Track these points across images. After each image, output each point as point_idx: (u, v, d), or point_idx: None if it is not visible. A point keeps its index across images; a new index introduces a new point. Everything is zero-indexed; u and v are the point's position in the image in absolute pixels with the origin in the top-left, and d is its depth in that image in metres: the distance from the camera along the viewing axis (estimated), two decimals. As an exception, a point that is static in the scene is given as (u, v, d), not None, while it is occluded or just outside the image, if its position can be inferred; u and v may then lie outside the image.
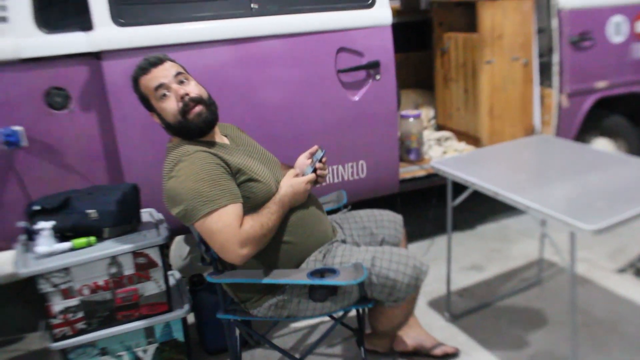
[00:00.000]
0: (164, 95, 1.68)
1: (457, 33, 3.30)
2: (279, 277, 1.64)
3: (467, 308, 2.44)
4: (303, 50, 2.43)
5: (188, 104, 1.67)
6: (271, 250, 1.69)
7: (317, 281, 1.59)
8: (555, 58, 3.04)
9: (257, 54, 2.36)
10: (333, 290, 1.66)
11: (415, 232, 3.12)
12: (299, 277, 1.64)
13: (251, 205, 1.66)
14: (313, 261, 1.74)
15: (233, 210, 1.57)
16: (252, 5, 2.34)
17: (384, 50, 2.55)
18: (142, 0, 2.24)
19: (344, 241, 1.91)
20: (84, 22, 2.13)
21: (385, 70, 2.57)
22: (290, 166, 1.97)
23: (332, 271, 1.62)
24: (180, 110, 1.67)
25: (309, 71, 2.45)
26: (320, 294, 1.64)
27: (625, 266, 2.67)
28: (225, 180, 1.60)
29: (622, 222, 1.63)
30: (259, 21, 2.35)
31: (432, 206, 3.07)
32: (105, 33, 2.14)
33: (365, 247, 1.80)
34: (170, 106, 1.68)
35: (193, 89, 1.71)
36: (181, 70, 1.73)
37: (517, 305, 2.45)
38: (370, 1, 2.51)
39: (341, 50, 2.49)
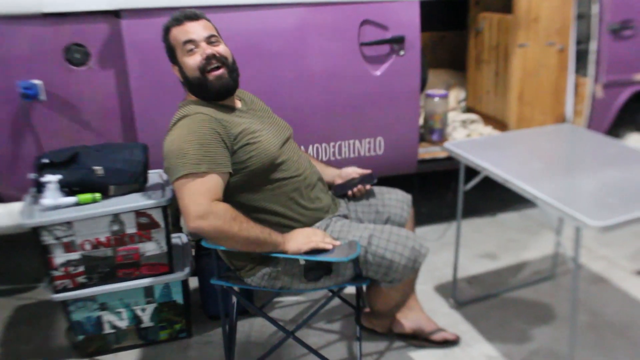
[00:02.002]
0: (191, 50, 1.71)
1: (492, 13, 3.20)
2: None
3: (474, 296, 2.41)
4: (326, 20, 2.41)
5: (210, 62, 1.70)
6: (265, 222, 1.68)
7: (308, 257, 1.59)
8: (593, 46, 2.92)
9: (279, 22, 2.36)
10: (327, 270, 1.65)
11: (433, 214, 3.08)
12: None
13: (250, 168, 1.67)
14: None
15: (209, 180, 1.56)
16: (276, -28, 2.31)
17: (410, 25, 2.51)
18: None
19: (345, 216, 1.90)
20: (108, -21, 2.14)
21: (410, 47, 2.53)
22: (333, 166, 2.06)
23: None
24: (201, 67, 1.70)
25: (331, 42, 2.43)
26: (314, 274, 1.65)
27: (646, 268, 2.59)
28: (214, 147, 1.60)
29: (631, 221, 1.56)
30: (283, -12, 2.33)
31: (451, 189, 3.02)
32: None
33: (365, 225, 1.78)
34: (193, 61, 1.70)
35: (221, 49, 1.74)
36: (214, 33, 1.76)
37: (525, 298, 2.40)
38: (399, -26, 2.45)
39: (365, 22, 2.46)
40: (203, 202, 1.53)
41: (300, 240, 1.64)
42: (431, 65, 3.55)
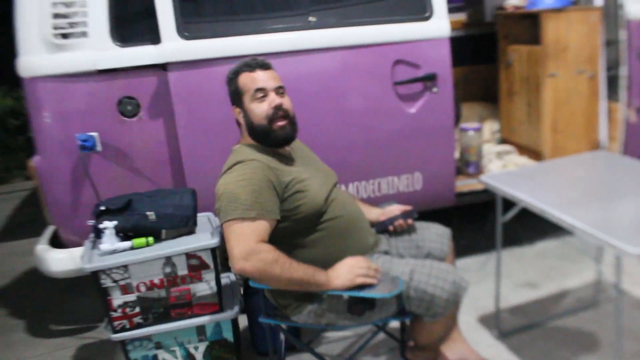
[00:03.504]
0: (261, 97, 1.77)
1: (521, 46, 3.21)
2: None
3: (517, 326, 2.37)
4: (360, 63, 2.45)
5: (278, 113, 1.76)
6: (308, 260, 1.70)
7: (352, 293, 1.61)
8: (623, 71, 2.89)
9: (315, 66, 2.40)
10: (371, 305, 1.66)
11: (473, 246, 3.05)
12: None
13: (299, 216, 1.71)
14: None
15: (257, 225, 1.60)
16: (309, 19, 2.39)
17: (442, 62, 2.53)
18: (205, 16, 2.34)
19: (386, 252, 1.91)
20: (154, 36, 2.24)
21: (443, 83, 2.54)
22: (372, 205, 2.08)
23: (370, 284, 1.63)
24: (269, 116, 1.76)
25: (366, 83, 2.46)
26: (358, 308, 1.66)
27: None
28: (266, 194, 1.64)
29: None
30: (317, 34, 2.39)
31: (489, 221, 2.99)
32: (171, 46, 2.24)
33: (406, 260, 1.79)
34: (262, 109, 1.76)
35: (286, 102, 1.80)
36: (282, 85, 1.82)
37: (569, 327, 2.35)
38: (428, 13, 2.49)
39: (398, 62, 2.48)
40: (246, 243, 1.57)
41: (344, 277, 1.65)
42: (464, 99, 3.56)
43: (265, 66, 1.81)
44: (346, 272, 1.66)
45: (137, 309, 1.90)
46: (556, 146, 3.03)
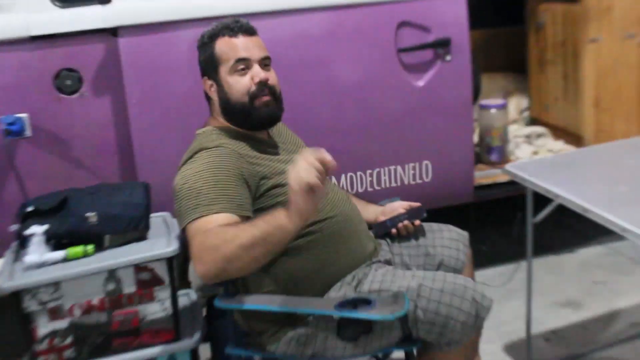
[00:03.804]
0: (242, 69, 1.74)
1: (555, 4, 3.20)
2: (299, 305, 1.61)
3: (555, 357, 2.32)
4: (356, 25, 2.43)
5: (263, 89, 1.73)
6: (291, 271, 1.67)
7: (345, 313, 1.54)
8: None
9: (302, 31, 2.39)
10: (367, 328, 1.60)
11: (496, 254, 3.04)
12: (324, 307, 1.60)
13: None
14: (344, 287, 1.70)
15: (222, 219, 1.53)
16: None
17: (457, 24, 2.53)
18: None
19: (388, 262, 1.86)
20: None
21: (458, 50, 2.53)
22: (371, 201, 2.05)
23: (367, 302, 1.56)
24: (251, 93, 1.73)
25: (363, 51, 2.45)
26: (350, 331, 1.59)
27: None
28: (234, 187, 1.59)
29: None
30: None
31: (517, 221, 2.92)
32: (123, 5, 2.21)
33: (413, 272, 1.73)
34: (243, 84, 1.73)
35: (273, 77, 1.78)
36: (268, 55, 1.80)
37: (622, 359, 2.28)
38: (439, -38, 2.52)
39: (402, 24, 2.47)
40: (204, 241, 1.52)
41: (299, 201, 1.44)
42: (484, 70, 3.54)
43: (250, 31, 1.78)
44: (298, 195, 1.45)
45: (69, 339, 1.81)
46: (600, 128, 3.02)
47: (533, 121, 3.48)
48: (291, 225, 1.47)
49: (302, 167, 1.43)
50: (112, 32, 2.21)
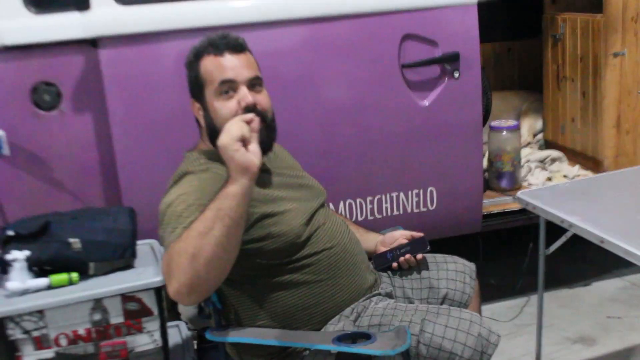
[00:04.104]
0: (227, 92, 1.76)
1: (575, 14, 3.23)
2: (295, 339, 1.70)
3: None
4: (356, 38, 2.47)
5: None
6: (287, 305, 1.76)
7: (343, 348, 1.63)
8: None
9: (296, 43, 2.43)
10: (366, 364, 1.69)
11: (505, 287, 3.08)
12: (322, 341, 1.67)
13: (270, 247, 1.75)
14: (343, 320, 1.79)
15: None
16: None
17: (466, 37, 2.57)
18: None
19: (389, 295, 1.95)
20: (81, 0, 2.24)
21: (467, 66, 2.58)
22: (373, 230, 2.11)
23: (366, 336, 1.65)
24: None
25: (364, 66, 2.48)
26: None
27: None
28: None
29: None
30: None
31: (528, 253, 3.04)
32: (104, 13, 2.25)
33: (415, 305, 1.82)
34: (229, 109, 1.74)
35: (262, 99, 1.79)
36: (259, 74, 1.81)
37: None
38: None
39: (407, 37, 2.51)
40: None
41: (235, 156, 1.52)
42: (496, 87, 3.56)
43: (238, 48, 1.79)
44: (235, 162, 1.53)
45: None
46: (621, 152, 3.07)
47: (548, 144, 3.49)
48: (237, 185, 1.51)
49: (231, 124, 1.55)
50: (92, 43, 2.25)
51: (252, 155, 1.52)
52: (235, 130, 1.52)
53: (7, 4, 2.23)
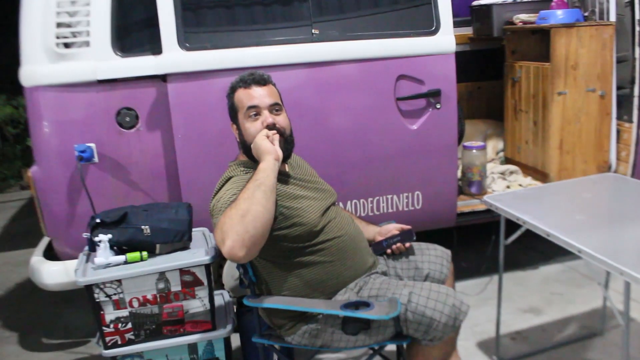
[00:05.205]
0: (253, 115, 1.77)
1: (529, 62, 3.20)
2: (311, 305, 1.68)
3: (519, 353, 2.35)
4: (363, 77, 2.46)
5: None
6: (306, 279, 1.74)
7: (348, 313, 1.61)
8: (638, 90, 2.87)
9: (317, 80, 2.42)
10: (366, 325, 1.66)
11: (473, 269, 3.05)
12: (332, 307, 1.66)
13: (291, 235, 1.73)
14: (348, 292, 1.76)
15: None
16: (313, 31, 2.40)
17: (446, 78, 2.54)
18: (207, 27, 2.36)
19: (384, 273, 1.92)
20: (155, 46, 2.27)
21: (447, 99, 2.55)
22: (372, 223, 2.08)
23: (366, 304, 1.63)
24: None
25: (367, 98, 2.48)
26: (352, 327, 1.65)
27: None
28: None
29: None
30: (320, 47, 2.41)
31: (491, 242, 2.99)
32: (172, 56, 2.27)
33: (404, 282, 1.79)
34: (255, 128, 1.76)
35: (281, 120, 1.80)
36: (278, 101, 1.82)
37: (573, 356, 2.32)
38: (433, 28, 2.50)
39: (401, 77, 2.50)
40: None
41: (261, 145, 1.70)
42: (468, 116, 3.56)
43: (262, 82, 1.80)
44: (261, 150, 1.69)
45: (129, 325, 1.90)
46: (563, 167, 3.02)
47: (507, 160, 3.46)
48: (266, 162, 1.65)
49: (258, 136, 1.72)
50: (162, 78, 2.27)
51: (274, 146, 1.68)
52: (260, 137, 1.70)
53: (100, 50, 2.26)
